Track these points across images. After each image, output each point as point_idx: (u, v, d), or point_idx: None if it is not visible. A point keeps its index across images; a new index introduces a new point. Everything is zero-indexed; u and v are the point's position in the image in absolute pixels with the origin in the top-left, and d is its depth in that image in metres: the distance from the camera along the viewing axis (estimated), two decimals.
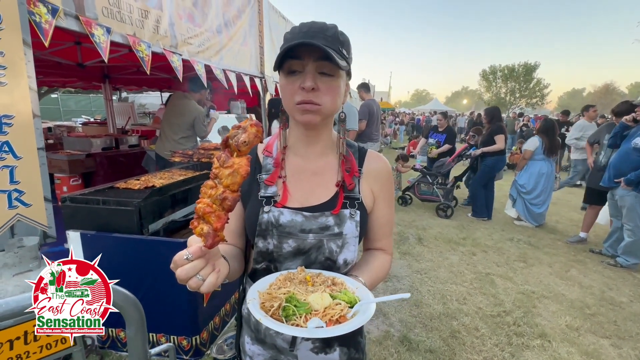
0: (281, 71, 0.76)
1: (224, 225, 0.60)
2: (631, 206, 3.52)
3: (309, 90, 0.72)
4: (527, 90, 41.31)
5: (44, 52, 3.54)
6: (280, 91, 0.79)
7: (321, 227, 0.79)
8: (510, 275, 3.45)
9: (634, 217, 3.54)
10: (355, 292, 0.72)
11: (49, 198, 1.80)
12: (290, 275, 0.75)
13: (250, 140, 0.59)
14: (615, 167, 3.64)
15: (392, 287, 3.13)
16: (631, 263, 3.72)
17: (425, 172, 5.57)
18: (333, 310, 0.65)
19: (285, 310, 0.64)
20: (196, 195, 2.55)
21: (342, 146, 0.86)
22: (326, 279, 0.75)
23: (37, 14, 1.70)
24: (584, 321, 2.71)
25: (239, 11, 4.02)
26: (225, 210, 0.59)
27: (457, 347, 2.34)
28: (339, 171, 0.84)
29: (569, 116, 9.52)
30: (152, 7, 2.61)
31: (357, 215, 0.81)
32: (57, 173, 4.02)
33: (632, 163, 3.46)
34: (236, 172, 0.59)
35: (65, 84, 6.55)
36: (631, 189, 3.46)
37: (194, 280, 0.58)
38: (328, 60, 0.70)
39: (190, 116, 3.53)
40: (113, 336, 2.06)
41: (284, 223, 0.78)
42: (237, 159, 0.60)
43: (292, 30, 0.77)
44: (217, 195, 0.59)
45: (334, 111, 0.79)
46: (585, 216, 4.49)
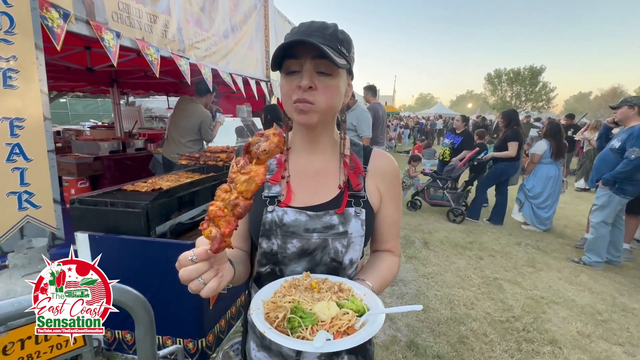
0: (281, 72, 0.76)
1: (232, 232, 0.59)
2: (602, 204, 3.63)
3: (305, 89, 0.71)
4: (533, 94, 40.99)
5: (54, 56, 3.60)
6: (281, 92, 0.78)
7: (325, 226, 0.77)
8: (518, 280, 3.39)
9: (601, 214, 3.62)
10: (364, 299, 0.69)
11: (58, 200, 1.82)
12: (295, 282, 0.73)
13: (270, 149, 0.59)
14: (596, 168, 3.77)
15: (399, 291, 3.10)
16: (593, 261, 3.74)
17: (435, 176, 5.50)
18: (340, 321, 0.62)
19: (291, 322, 0.61)
20: (203, 197, 2.57)
21: (343, 146, 0.85)
22: (332, 285, 0.72)
23: (50, 19, 1.73)
24: (596, 327, 2.65)
25: (246, 16, 4.07)
26: (235, 217, 0.59)
27: (465, 353, 2.30)
28: (342, 172, 0.83)
29: (574, 119, 9.42)
30: (161, 12, 2.65)
31: (363, 213, 0.79)
32: (65, 176, 4.07)
33: (609, 163, 3.57)
34: (252, 180, 0.59)
35: (74, 89, 6.66)
36: (608, 188, 3.56)
37: (195, 283, 0.57)
38: (325, 58, 0.69)
39: (197, 120, 3.56)
40: (119, 338, 2.06)
41: (287, 222, 0.77)
42: (255, 167, 0.60)
43: (292, 30, 0.76)
44: (230, 201, 0.59)
45: (330, 111, 0.77)
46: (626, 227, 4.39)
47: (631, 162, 3.35)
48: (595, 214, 3.69)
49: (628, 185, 3.46)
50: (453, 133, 6.07)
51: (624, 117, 3.52)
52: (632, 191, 3.49)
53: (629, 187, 3.47)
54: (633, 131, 3.39)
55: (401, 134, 18.36)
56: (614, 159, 3.53)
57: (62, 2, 1.85)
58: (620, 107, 3.54)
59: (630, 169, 3.36)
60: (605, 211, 3.60)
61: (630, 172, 3.38)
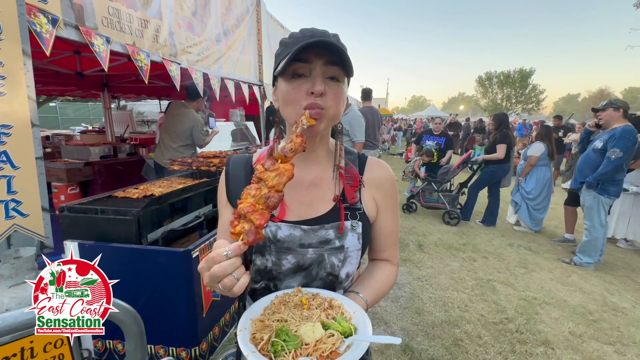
0: (283, 75, 0.71)
1: (266, 223, 0.61)
2: (590, 206, 3.69)
3: (318, 95, 0.68)
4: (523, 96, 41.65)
5: (43, 61, 3.55)
6: (282, 96, 0.73)
7: (321, 241, 0.75)
8: (511, 281, 3.43)
9: (591, 216, 3.68)
10: (353, 318, 0.68)
11: (47, 208, 1.78)
12: (285, 298, 0.72)
13: (296, 148, 0.64)
14: (579, 169, 3.85)
15: (393, 294, 3.10)
16: (584, 262, 3.81)
17: (430, 179, 5.54)
18: (324, 345, 0.61)
19: (274, 346, 0.60)
20: (196, 203, 2.55)
21: (339, 158, 0.82)
22: (323, 301, 0.71)
23: (38, 24, 1.70)
24: (587, 327, 2.68)
25: (238, 20, 4.06)
26: (269, 208, 0.61)
27: (460, 356, 2.31)
28: (338, 184, 0.80)
29: (562, 120, 9.61)
30: (152, 16, 2.63)
31: (359, 227, 0.77)
32: (55, 182, 4.00)
33: (591, 164, 3.65)
34: (282, 174, 0.63)
35: (64, 93, 6.56)
36: (592, 190, 3.64)
37: (230, 278, 0.57)
38: (338, 64, 0.68)
39: (189, 125, 3.53)
40: (110, 348, 2.02)
41: (282, 238, 0.75)
42: (283, 165, 0.64)
43: (293, 35, 0.72)
44: (263, 195, 0.62)
45: (337, 118, 0.75)
46: (565, 217, 4.63)
47: (611, 162, 3.43)
48: (588, 215, 3.74)
49: (610, 186, 3.55)
50: (431, 134, 6.07)
51: (610, 119, 3.58)
52: (615, 191, 3.57)
53: (611, 187, 3.55)
54: (615, 132, 3.46)
55: (395, 136, 18.48)
56: (596, 159, 3.61)
57: (50, 7, 1.82)
58: (606, 110, 3.60)
59: (611, 170, 3.44)
60: (594, 213, 3.66)
61: (611, 173, 3.47)
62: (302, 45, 0.64)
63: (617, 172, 3.49)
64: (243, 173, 0.84)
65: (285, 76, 0.71)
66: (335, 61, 0.67)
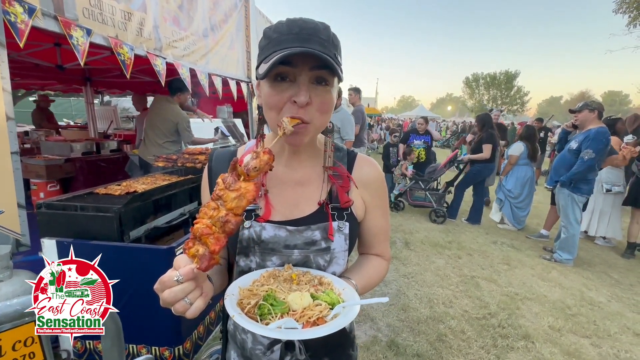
0: (265, 77, 0.65)
1: (221, 249, 0.57)
2: (565, 204, 3.83)
3: (302, 106, 0.64)
4: (509, 97, 42.67)
5: (21, 53, 3.42)
6: (265, 99, 0.68)
7: (307, 242, 0.73)
8: (494, 278, 3.51)
9: (567, 214, 3.82)
10: (341, 294, 0.67)
11: (23, 204, 1.72)
12: (275, 272, 0.71)
13: (261, 166, 0.58)
14: (555, 168, 4.00)
15: (380, 291, 3.13)
16: (564, 259, 3.94)
17: (418, 178, 5.61)
18: (311, 312, 0.61)
19: (261, 309, 0.60)
20: (180, 200, 2.50)
21: (328, 159, 0.79)
22: (313, 278, 0.71)
23: (13, 14, 1.64)
24: (566, 321, 2.77)
25: (226, 15, 4.00)
26: (225, 234, 0.57)
27: (444, 351, 2.35)
28: (326, 185, 0.78)
29: (542, 122, 9.89)
30: (136, 9, 2.57)
31: (346, 227, 0.75)
32: (34, 179, 3.86)
33: (566, 163, 3.79)
34: (242, 196, 0.57)
35: (44, 87, 6.34)
36: (565, 188, 3.78)
37: (181, 303, 0.55)
38: (327, 69, 0.63)
39: (173, 120, 3.46)
40: (90, 348, 1.97)
41: (266, 239, 0.73)
42: (245, 184, 0.58)
43: (278, 28, 0.65)
44: (220, 217, 0.57)
45: (323, 127, 0.72)
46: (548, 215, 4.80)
47: (584, 162, 3.56)
48: (563, 215, 3.88)
49: (583, 184, 3.69)
50: (417, 134, 6.25)
51: (585, 120, 3.70)
52: (588, 189, 3.72)
53: (584, 186, 3.70)
54: (589, 134, 3.59)
55: (383, 135, 18.60)
56: (571, 159, 3.74)
57: None
58: (582, 111, 3.72)
59: (584, 170, 3.59)
60: (569, 211, 3.79)
61: (584, 173, 3.61)
62: (285, 54, 0.60)
63: (590, 172, 3.64)
64: (226, 169, 0.82)
65: (268, 78, 0.65)
66: (326, 66, 0.62)
